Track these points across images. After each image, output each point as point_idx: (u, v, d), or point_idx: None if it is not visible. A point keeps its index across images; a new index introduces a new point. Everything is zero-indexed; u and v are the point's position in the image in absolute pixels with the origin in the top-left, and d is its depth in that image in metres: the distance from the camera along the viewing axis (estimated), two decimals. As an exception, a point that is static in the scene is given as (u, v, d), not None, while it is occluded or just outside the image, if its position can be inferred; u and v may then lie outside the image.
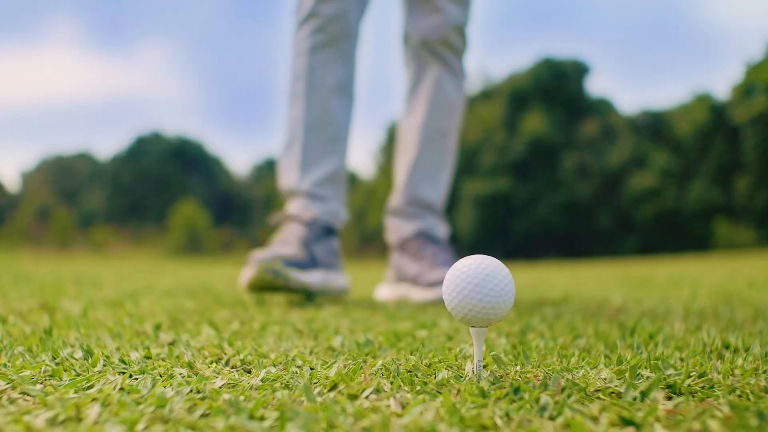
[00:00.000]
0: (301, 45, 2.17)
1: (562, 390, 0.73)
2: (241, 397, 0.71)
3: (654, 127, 25.20)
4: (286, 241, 2.06)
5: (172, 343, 1.12)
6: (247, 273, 1.94)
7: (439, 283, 1.99)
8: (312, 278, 1.97)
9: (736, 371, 0.85)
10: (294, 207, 2.17)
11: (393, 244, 2.36)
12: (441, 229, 2.34)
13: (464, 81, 2.36)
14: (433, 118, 2.31)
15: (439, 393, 0.72)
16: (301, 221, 2.11)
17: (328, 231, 2.15)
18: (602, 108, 26.10)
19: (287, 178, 2.21)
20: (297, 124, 2.17)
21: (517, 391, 0.72)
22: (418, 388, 0.75)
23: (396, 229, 2.34)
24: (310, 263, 2.00)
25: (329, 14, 2.13)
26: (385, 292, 2.35)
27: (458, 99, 2.34)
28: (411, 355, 1.00)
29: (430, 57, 2.29)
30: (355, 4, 2.17)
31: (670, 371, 0.83)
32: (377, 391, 0.73)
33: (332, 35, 2.15)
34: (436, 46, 2.26)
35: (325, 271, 2.08)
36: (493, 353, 0.93)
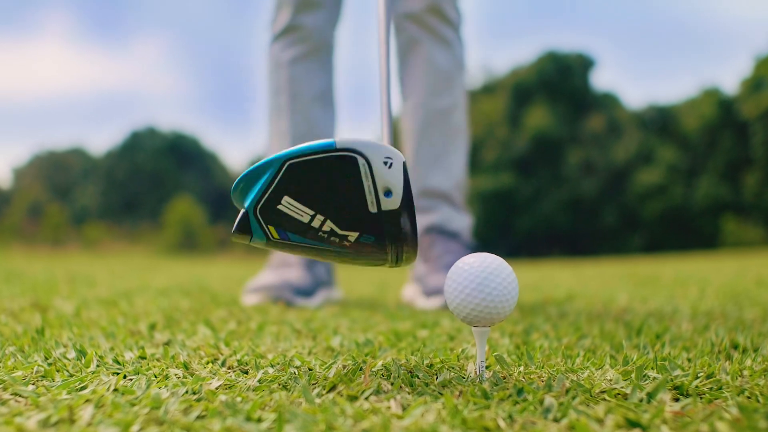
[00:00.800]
0: (279, 57, 2.15)
1: (567, 391, 0.73)
2: (238, 399, 0.70)
3: (661, 122, 25.20)
4: (288, 263, 2.04)
5: (167, 343, 1.12)
6: (253, 298, 1.93)
7: (438, 290, 1.90)
8: (316, 301, 1.98)
9: (745, 372, 0.85)
10: None
11: None
12: (459, 220, 2.17)
13: (461, 50, 2.19)
14: (430, 97, 2.16)
15: (441, 394, 0.72)
16: None
17: None
18: (608, 102, 26.08)
19: None
20: (282, 138, 2.14)
21: (520, 392, 0.72)
22: (419, 389, 0.75)
23: None
24: (314, 287, 2.00)
25: (307, 25, 2.13)
26: (407, 292, 2.27)
27: (454, 70, 2.17)
28: (412, 355, 1.00)
29: (417, 31, 2.15)
30: (330, 14, 2.16)
31: (678, 372, 0.83)
32: (377, 392, 0.73)
33: (311, 46, 2.14)
34: (423, 17, 2.13)
35: (325, 289, 2.09)
36: (496, 354, 0.93)
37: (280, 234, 0.80)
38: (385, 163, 0.78)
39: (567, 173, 23.96)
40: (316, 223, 0.79)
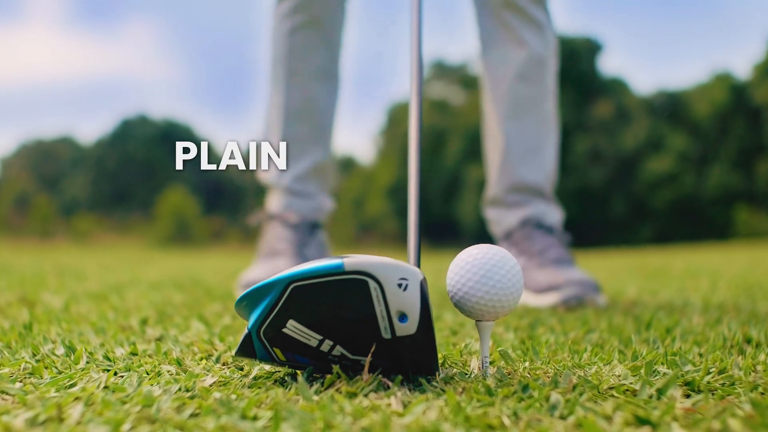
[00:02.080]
0: (280, 26, 2.11)
1: (574, 387, 0.73)
2: (233, 396, 0.70)
3: (671, 108, 25.18)
4: (277, 252, 2.02)
5: (159, 339, 1.12)
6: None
7: (551, 288, 1.81)
8: None
9: (759, 367, 0.85)
10: (276, 205, 2.13)
11: (498, 236, 2.12)
12: (553, 215, 2.08)
13: (552, 32, 2.09)
14: (520, 83, 2.04)
15: (443, 391, 0.72)
16: (288, 224, 2.07)
17: (315, 226, 2.12)
18: (616, 88, 26.06)
19: (266, 170, 2.18)
20: (277, 111, 2.12)
21: (525, 388, 0.72)
22: (421, 385, 0.75)
23: (498, 220, 2.10)
24: None
25: None
26: None
27: (547, 53, 2.06)
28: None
29: (504, 12, 2.02)
30: None
31: (689, 367, 0.83)
32: (377, 389, 0.73)
33: (313, 14, 2.07)
34: None
35: None
36: (500, 349, 0.93)
37: (287, 356, 0.78)
38: (400, 285, 0.74)
39: (574, 162, 23.94)
40: (325, 348, 0.77)
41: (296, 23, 2.08)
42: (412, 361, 0.77)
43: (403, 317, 0.74)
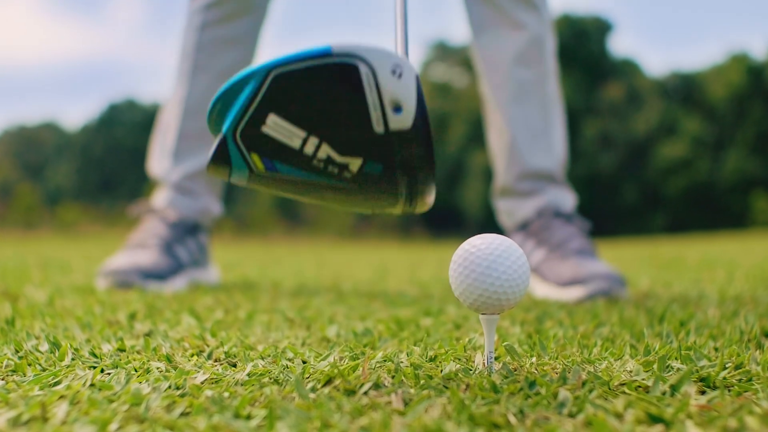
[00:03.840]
0: (192, 19, 2.09)
1: (583, 384, 0.73)
2: (226, 394, 0.70)
3: (685, 90, 25.16)
4: (144, 245, 2.03)
5: (148, 334, 1.12)
6: (102, 282, 1.93)
7: (575, 281, 1.79)
8: (175, 285, 1.95)
9: (777, 362, 0.85)
10: (159, 199, 2.14)
11: (509, 228, 2.09)
12: (568, 200, 2.07)
13: (547, 9, 2.05)
14: (519, 66, 2.02)
15: (446, 388, 0.72)
16: (165, 221, 2.08)
17: (196, 228, 2.13)
18: (627, 70, 26.04)
19: (157, 164, 2.18)
20: (177, 106, 2.12)
21: (532, 385, 0.72)
22: (423, 382, 0.75)
23: (510, 211, 2.08)
24: (171, 270, 1.98)
25: None
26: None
27: (544, 32, 2.03)
28: (414, 346, 1.00)
29: None
30: None
31: (704, 362, 0.83)
32: (377, 386, 0.73)
33: (229, 11, 2.06)
34: None
35: (192, 269, 2.08)
36: (506, 343, 0.93)
37: (266, 164, 0.73)
38: (394, 72, 0.69)
39: (583, 147, 23.94)
40: (309, 149, 0.71)
41: (209, 19, 2.07)
42: (407, 163, 0.73)
43: (397, 108, 0.70)
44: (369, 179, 0.73)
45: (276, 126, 0.70)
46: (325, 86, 0.69)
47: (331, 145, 0.71)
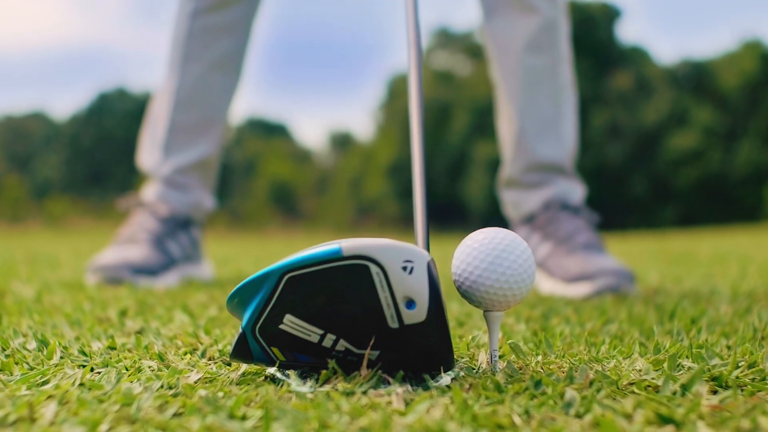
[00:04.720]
0: (184, 6, 2.09)
1: (591, 383, 0.73)
2: (220, 394, 0.70)
3: (696, 79, 25.12)
4: (134, 240, 2.03)
5: (139, 332, 1.12)
6: (92, 278, 1.93)
7: (582, 277, 1.79)
8: (167, 281, 1.96)
9: (792, 360, 0.85)
10: (150, 193, 2.14)
11: (515, 221, 2.10)
12: (576, 192, 2.06)
13: None
14: (530, 52, 2.00)
15: (449, 387, 0.72)
16: (156, 215, 2.08)
17: (188, 222, 2.13)
18: (636, 57, 25.99)
19: (147, 156, 2.18)
20: (168, 96, 2.11)
21: (538, 384, 0.72)
22: (424, 381, 0.75)
23: (516, 203, 2.08)
24: (163, 265, 1.99)
25: None
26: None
27: (558, 16, 2.01)
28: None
29: None
30: None
31: (715, 361, 0.83)
32: (377, 385, 0.73)
33: None
34: None
35: (184, 265, 2.08)
36: (510, 341, 0.93)
37: (286, 356, 0.76)
38: (404, 268, 0.72)
39: (590, 137, 23.91)
40: (327, 343, 0.75)
41: (201, 6, 2.06)
42: (423, 352, 0.75)
43: (410, 303, 0.73)
44: (387, 365, 0.76)
45: (293, 324, 0.75)
46: (337, 287, 0.74)
47: (347, 340, 0.75)
